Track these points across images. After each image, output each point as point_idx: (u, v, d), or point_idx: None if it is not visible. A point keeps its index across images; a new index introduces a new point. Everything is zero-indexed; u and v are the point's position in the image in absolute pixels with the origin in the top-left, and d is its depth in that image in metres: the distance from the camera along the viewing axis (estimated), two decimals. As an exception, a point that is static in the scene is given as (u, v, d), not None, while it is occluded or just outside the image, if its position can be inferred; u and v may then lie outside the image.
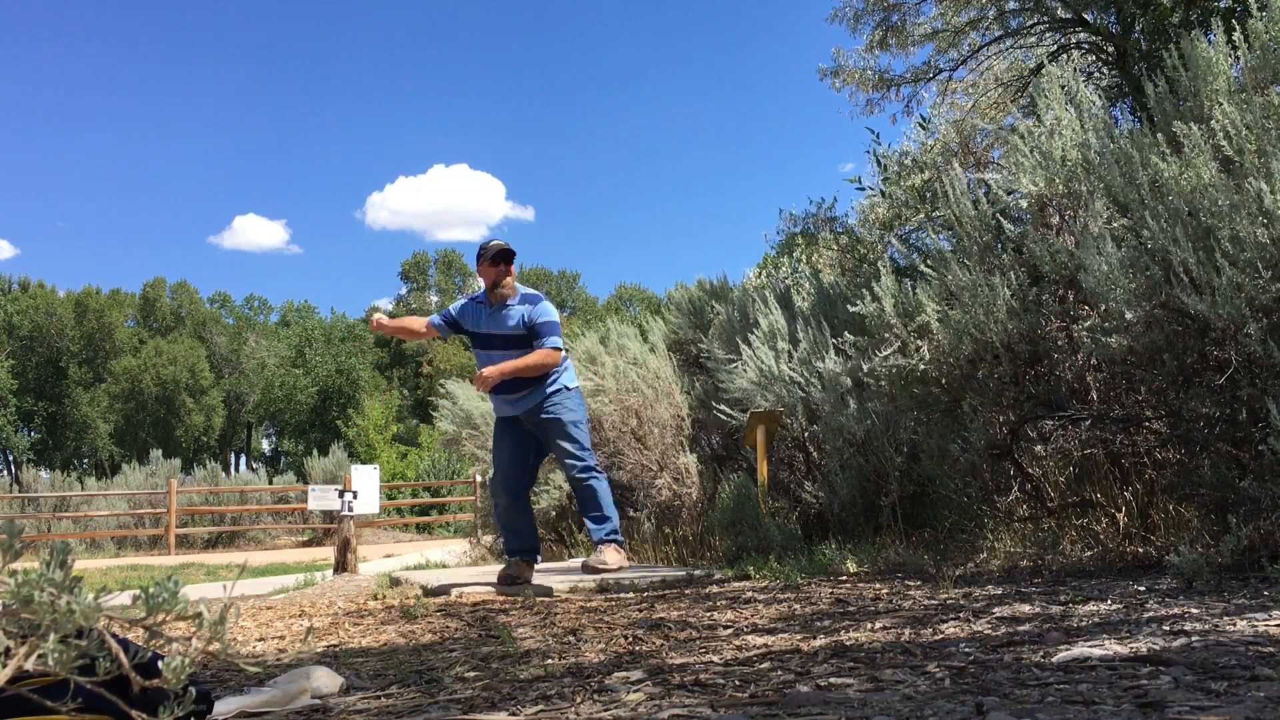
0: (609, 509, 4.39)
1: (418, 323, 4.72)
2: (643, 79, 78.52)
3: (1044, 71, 6.03)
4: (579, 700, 1.75)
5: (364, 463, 14.67)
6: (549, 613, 3.38)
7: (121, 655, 1.03)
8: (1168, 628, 2.18)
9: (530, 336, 4.39)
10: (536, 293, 4.52)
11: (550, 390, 4.39)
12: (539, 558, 4.55)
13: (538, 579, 4.44)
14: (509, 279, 4.46)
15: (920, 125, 8.44)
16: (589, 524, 4.42)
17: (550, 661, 2.25)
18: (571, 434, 4.37)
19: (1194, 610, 2.42)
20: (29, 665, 0.98)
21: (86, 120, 71.21)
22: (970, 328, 3.94)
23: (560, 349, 4.44)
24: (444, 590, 4.36)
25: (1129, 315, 3.39)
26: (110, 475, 22.69)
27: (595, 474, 4.42)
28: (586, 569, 4.18)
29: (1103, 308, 3.53)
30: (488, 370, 4.27)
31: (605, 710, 1.65)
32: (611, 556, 4.20)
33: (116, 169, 73.78)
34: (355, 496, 6.62)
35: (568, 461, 4.36)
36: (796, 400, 5.56)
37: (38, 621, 0.98)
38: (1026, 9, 7.79)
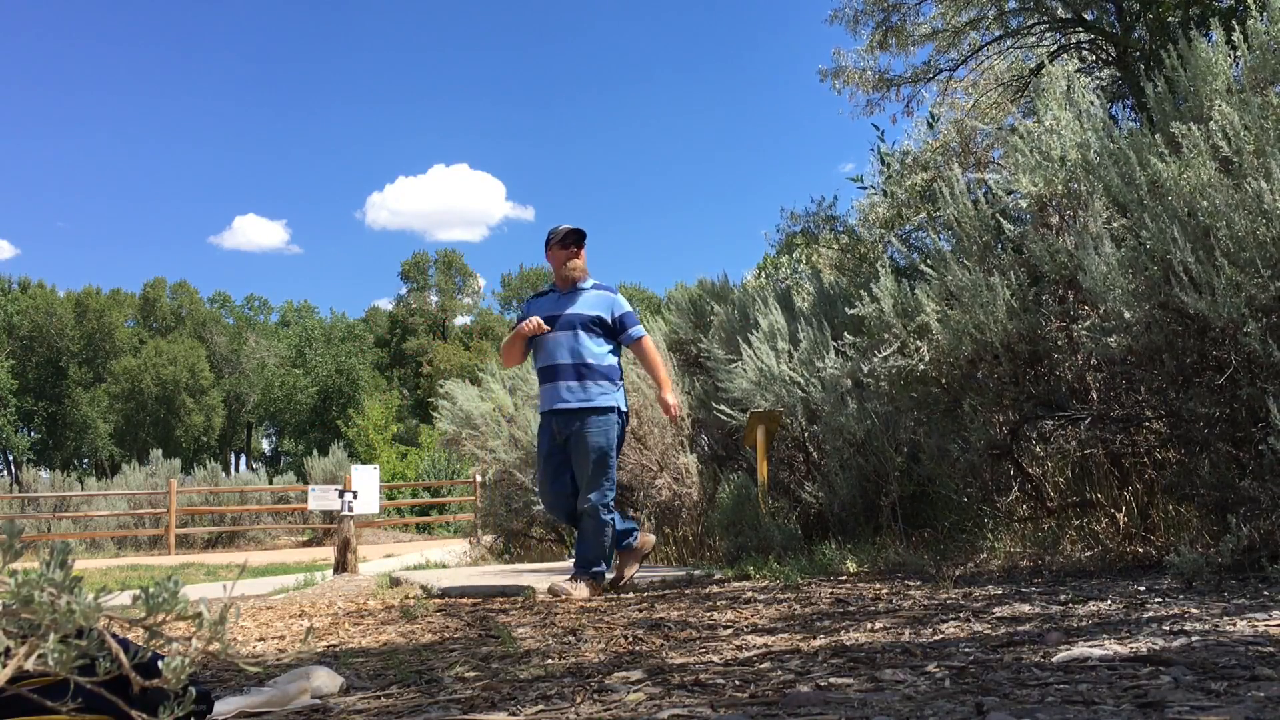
0: (608, 553, 4.17)
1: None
2: (643, 79, 78.58)
3: (1044, 71, 6.03)
4: (579, 700, 1.75)
5: (364, 463, 14.66)
6: (549, 613, 3.38)
7: (121, 655, 1.03)
8: (1168, 628, 2.18)
9: (612, 327, 4.26)
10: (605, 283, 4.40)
11: (605, 406, 4.17)
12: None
13: (543, 580, 4.44)
14: (579, 260, 4.30)
15: (928, 123, 8.44)
16: (579, 555, 4.18)
17: (550, 661, 2.25)
18: (605, 463, 4.13)
19: (1194, 610, 2.42)
20: (29, 665, 0.98)
21: (86, 120, 71.28)
22: (970, 328, 3.94)
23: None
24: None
25: (1128, 315, 3.39)
26: (110, 475, 22.69)
27: (612, 515, 4.19)
28: (551, 591, 3.99)
29: (1102, 308, 3.54)
30: (674, 400, 4.28)
31: (605, 710, 1.65)
32: (583, 591, 3.97)
33: (116, 169, 73.85)
34: (355, 496, 6.62)
35: (591, 494, 4.11)
36: (796, 400, 5.56)
37: (38, 621, 0.98)
38: (1026, 9, 7.80)
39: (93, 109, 71.35)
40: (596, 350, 4.20)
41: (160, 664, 1.04)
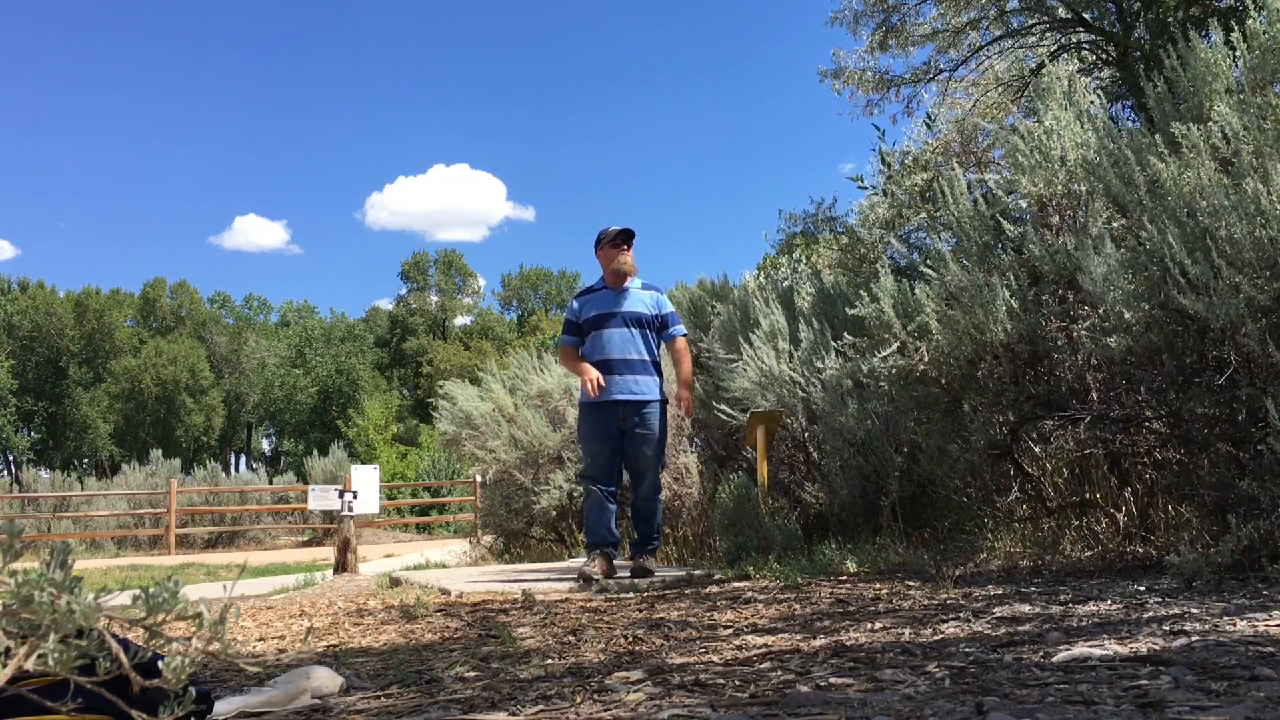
0: (661, 528, 4.76)
1: (574, 356, 4.77)
2: (643, 80, 78.60)
3: (1044, 71, 6.03)
4: (579, 700, 1.75)
5: (364, 463, 14.65)
6: (549, 613, 3.38)
7: (121, 655, 1.03)
8: (1168, 628, 2.18)
9: (658, 324, 4.64)
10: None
11: (663, 399, 4.61)
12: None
13: (542, 580, 4.44)
14: (628, 257, 4.60)
15: (926, 123, 8.43)
16: (643, 534, 4.67)
17: (550, 661, 2.25)
18: (662, 455, 4.61)
19: (1194, 610, 2.42)
20: (29, 665, 0.98)
21: (86, 120, 71.29)
22: (970, 328, 3.93)
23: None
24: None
25: (1128, 316, 3.39)
26: (110, 475, 22.66)
27: (660, 495, 4.76)
28: (640, 572, 4.45)
29: (1102, 308, 3.53)
30: (689, 396, 4.60)
31: (605, 710, 1.65)
32: (653, 563, 4.57)
33: (116, 169, 73.86)
34: (355, 496, 6.62)
35: (652, 479, 4.58)
36: (797, 400, 5.56)
37: (38, 621, 0.98)
38: (1027, 9, 7.80)
39: (93, 109, 71.39)
40: (653, 347, 4.63)
41: (160, 664, 1.04)
